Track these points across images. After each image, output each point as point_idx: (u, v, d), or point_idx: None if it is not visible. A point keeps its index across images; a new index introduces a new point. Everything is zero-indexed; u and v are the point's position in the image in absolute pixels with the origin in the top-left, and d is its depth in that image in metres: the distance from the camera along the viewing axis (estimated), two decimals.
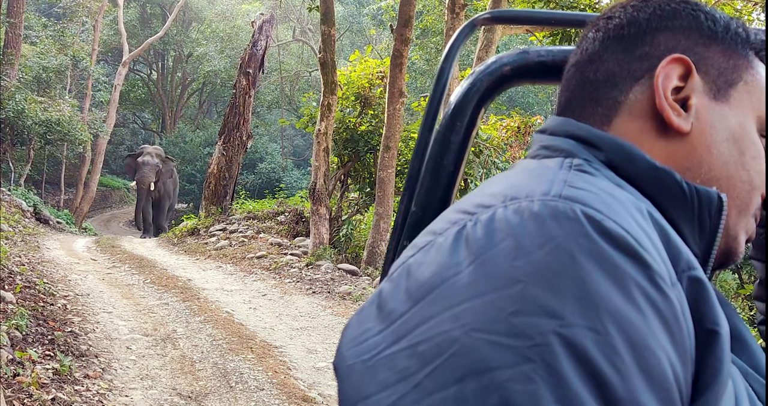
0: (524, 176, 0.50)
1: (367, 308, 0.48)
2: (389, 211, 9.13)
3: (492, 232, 0.43)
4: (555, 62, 0.81)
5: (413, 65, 20.76)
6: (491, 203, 0.46)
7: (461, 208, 0.49)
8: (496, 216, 0.44)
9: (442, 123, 0.85)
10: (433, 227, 0.50)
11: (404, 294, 0.45)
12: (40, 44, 18.70)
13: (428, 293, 0.43)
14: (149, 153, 17.64)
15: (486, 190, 0.49)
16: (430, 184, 0.83)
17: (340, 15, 23.33)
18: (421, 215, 0.84)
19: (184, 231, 12.44)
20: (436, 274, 0.44)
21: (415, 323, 0.43)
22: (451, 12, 8.69)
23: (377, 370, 0.43)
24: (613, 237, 0.42)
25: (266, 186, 22.44)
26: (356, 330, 0.47)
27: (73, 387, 3.71)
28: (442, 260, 0.44)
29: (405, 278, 0.46)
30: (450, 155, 0.83)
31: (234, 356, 4.74)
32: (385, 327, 0.44)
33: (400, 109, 8.89)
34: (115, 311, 5.92)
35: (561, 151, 0.55)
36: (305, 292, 7.35)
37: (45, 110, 15.29)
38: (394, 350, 0.43)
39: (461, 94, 0.84)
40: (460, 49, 0.87)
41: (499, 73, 0.83)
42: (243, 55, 14.57)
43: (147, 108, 31.10)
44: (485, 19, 0.85)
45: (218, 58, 26.23)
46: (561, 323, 0.39)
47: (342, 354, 0.47)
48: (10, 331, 4.12)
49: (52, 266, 7.89)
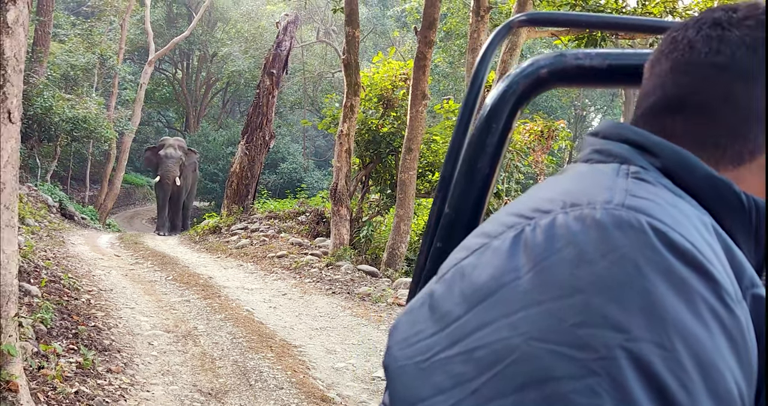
0: (581, 182, 0.49)
1: (417, 309, 0.48)
2: (410, 213, 9.11)
3: (552, 238, 0.43)
4: (593, 65, 0.80)
5: (436, 68, 20.72)
6: (550, 208, 0.45)
7: (516, 211, 0.48)
8: (556, 222, 0.44)
9: (478, 125, 0.85)
10: (486, 230, 0.49)
11: (459, 297, 0.45)
12: (68, 42, 18.99)
13: (485, 297, 0.43)
14: (172, 145, 16.64)
15: (541, 195, 0.49)
16: (464, 187, 0.83)
17: (364, 17, 23.38)
18: (454, 217, 0.83)
19: (205, 229, 12.55)
20: (494, 278, 0.43)
21: (471, 327, 0.42)
22: (476, 15, 8.66)
23: (431, 373, 0.42)
24: (680, 250, 0.42)
25: (288, 186, 22.52)
26: (407, 331, 0.47)
27: (96, 381, 3.76)
28: (500, 264, 0.44)
29: (459, 280, 0.46)
30: (485, 158, 0.82)
31: (254, 355, 4.77)
32: (439, 330, 0.44)
33: (422, 111, 8.88)
34: (137, 306, 5.98)
35: (616, 157, 0.53)
36: (325, 292, 7.37)
37: (72, 107, 15.52)
38: (449, 354, 0.42)
39: (497, 97, 0.83)
40: (496, 51, 0.87)
41: (536, 76, 0.82)
42: (267, 55, 14.66)
43: (171, 107, 31.45)
44: (522, 21, 0.85)
45: (242, 58, 26.43)
46: (627, 336, 0.38)
47: (393, 354, 0.47)
48: (36, 324, 4.19)
49: (76, 261, 8.00)
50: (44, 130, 15.13)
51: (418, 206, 11.64)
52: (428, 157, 10.97)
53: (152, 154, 16.92)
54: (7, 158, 3.05)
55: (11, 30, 3.10)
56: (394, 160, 10.70)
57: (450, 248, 0.82)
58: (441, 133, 11.18)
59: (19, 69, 3.18)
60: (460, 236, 0.83)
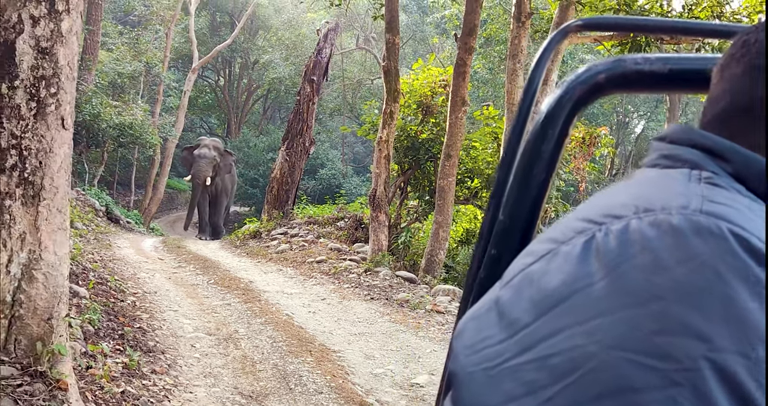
0: (651, 187, 0.48)
1: (484, 315, 0.47)
2: (449, 219, 9.08)
3: (626, 244, 0.42)
4: (653, 70, 0.79)
5: (476, 74, 20.63)
6: (621, 213, 0.45)
7: (585, 216, 0.47)
8: (629, 227, 0.43)
9: (533, 132, 0.84)
10: (553, 235, 0.48)
11: (528, 303, 0.44)
12: (116, 51, 19.54)
13: (557, 304, 0.42)
14: (206, 145, 16.66)
15: (610, 200, 0.48)
16: (519, 194, 0.82)
17: (403, 23, 23.43)
18: (509, 223, 0.83)
19: (246, 234, 12.72)
20: (565, 284, 0.43)
21: (543, 334, 0.42)
22: (517, 21, 8.61)
23: (501, 380, 0.42)
24: (761, 257, 0.41)
25: (326, 192, 22.69)
26: (474, 337, 0.47)
27: (141, 381, 3.84)
28: (571, 270, 0.43)
29: (527, 286, 0.45)
30: (541, 164, 0.82)
31: (293, 359, 4.81)
32: (508, 336, 0.44)
33: (462, 117, 8.85)
34: (180, 309, 6.10)
35: (685, 162, 0.52)
36: (363, 297, 7.38)
37: (119, 114, 15.96)
38: (520, 361, 0.42)
39: (553, 103, 0.83)
40: (551, 57, 0.86)
41: (593, 82, 0.81)
42: (307, 62, 14.82)
43: (214, 113, 32.05)
44: (578, 26, 0.84)
45: (283, 66, 26.77)
46: (710, 346, 0.37)
47: (460, 361, 0.46)
48: (84, 325, 4.30)
49: (122, 263, 8.20)
50: (92, 136, 15.57)
51: (456, 212, 11.59)
52: (467, 163, 10.93)
53: (188, 153, 17.03)
54: (60, 163, 3.15)
55: (65, 39, 3.21)
56: (433, 166, 10.69)
57: (505, 254, 0.81)
58: (480, 140, 11.12)
59: (72, 77, 3.29)
60: (514, 242, 0.82)
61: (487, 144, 11.07)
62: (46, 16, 3.10)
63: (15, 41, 3.01)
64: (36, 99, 3.04)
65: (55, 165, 3.11)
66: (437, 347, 5.58)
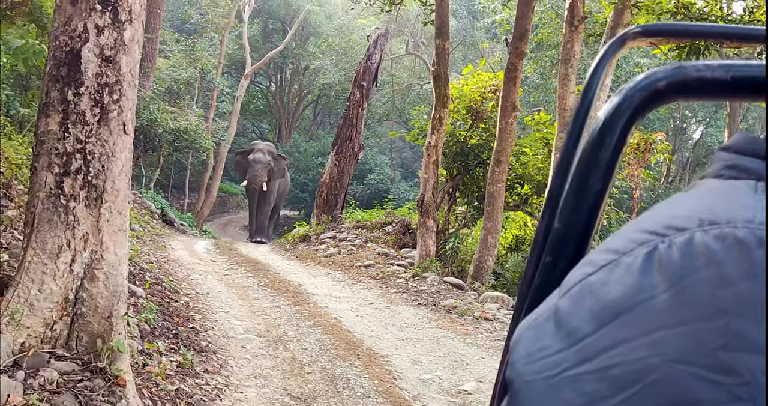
0: (716, 199, 0.48)
1: (542, 324, 0.48)
2: (498, 226, 9.00)
3: (691, 257, 0.42)
4: (715, 78, 0.77)
5: (526, 79, 20.43)
6: (685, 225, 0.44)
7: (646, 228, 0.47)
8: (694, 240, 0.43)
9: (590, 139, 0.83)
10: (614, 246, 0.48)
11: (588, 314, 0.44)
12: (172, 58, 20.15)
13: (617, 315, 0.42)
14: (261, 150, 16.53)
15: (672, 211, 0.48)
16: (575, 202, 0.82)
17: (453, 28, 23.38)
18: (564, 232, 0.82)
19: (296, 237, 12.89)
20: (626, 296, 0.43)
21: (603, 345, 0.42)
22: (570, 25, 8.48)
23: (560, 389, 0.42)
24: None
25: (375, 197, 22.79)
26: (531, 346, 0.47)
27: (194, 380, 3.94)
28: (632, 281, 0.43)
29: (587, 296, 0.46)
30: (598, 173, 0.81)
31: (341, 362, 4.85)
32: (567, 346, 0.44)
33: (512, 123, 8.78)
34: (231, 310, 6.22)
35: (751, 173, 0.51)
36: (411, 303, 7.38)
37: (175, 119, 16.43)
38: (579, 371, 0.42)
39: (611, 110, 0.82)
40: (608, 65, 0.86)
41: (653, 89, 0.80)
42: (357, 68, 14.94)
43: (265, 118, 32.65)
44: (637, 33, 0.83)
45: (333, 71, 27.08)
46: None
47: (518, 369, 0.47)
48: (141, 323, 4.44)
49: (176, 265, 8.42)
50: (149, 140, 16.08)
51: (506, 219, 11.48)
52: (517, 169, 10.81)
53: (242, 158, 16.94)
54: (121, 167, 3.27)
55: (128, 47, 3.33)
56: (482, 172, 10.62)
57: (560, 262, 0.81)
58: (531, 146, 10.99)
59: (134, 84, 3.42)
60: (570, 250, 0.82)
61: (537, 150, 10.94)
62: (110, 25, 3.23)
63: (81, 50, 3.15)
64: (100, 105, 3.16)
65: (116, 168, 3.23)
66: (485, 354, 5.54)
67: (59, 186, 3.08)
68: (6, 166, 5.68)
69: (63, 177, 3.08)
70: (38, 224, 3.08)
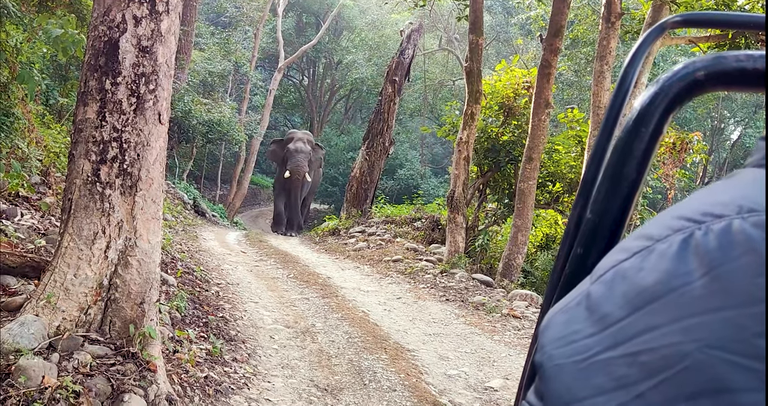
0: (755, 187, 0.47)
1: (573, 309, 0.48)
2: (528, 223, 8.92)
3: (729, 244, 0.41)
4: (756, 69, 0.75)
5: (560, 76, 20.17)
6: (723, 212, 0.44)
7: (683, 214, 0.47)
8: (732, 227, 0.42)
9: (625, 129, 0.82)
10: (648, 232, 0.48)
11: (621, 299, 0.44)
12: (207, 50, 20.37)
13: (651, 300, 0.42)
14: (301, 139, 15.87)
15: (709, 199, 0.47)
16: (609, 192, 0.81)
17: (487, 24, 23.20)
18: (597, 222, 0.82)
19: (325, 231, 12.97)
20: (661, 282, 0.42)
21: (636, 330, 0.42)
22: (606, 21, 8.35)
23: (591, 373, 0.42)
24: None
25: (404, 192, 22.77)
26: (562, 330, 0.47)
27: (223, 368, 3.99)
28: (668, 267, 0.43)
29: (620, 282, 0.45)
30: (632, 163, 0.80)
31: (368, 355, 4.86)
32: (599, 331, 0.44)
33: (545, 120, 8.68)
34: (260, 301, 6.29)
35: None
36: (439, 298, 7.37)
37: (208, 111, 16.63)
38: (610, 355, 0.42)
39: (647, 100, 0.81)
40: (646, 53, 0.84)
41: (692, 79, 0.79)
42: (390, 63, 14.92)
43: (297, 112, 32.84)
44: (677, 22, 0.81)
45: (366, 66, 27.10)
46: None
47: (548, 352, 0.47)
48: (172, 311, 4.52)
49: (207, 255, 8.55)
50: (183, 132, 16.29)
51: (536, 217, 11.37)
52: (549, 167, 10.70)
53: (278, 147, 16.37)
54: (155, 156, 3.33)
55: (164, 39, 3.38)
56: (513, 169, 10.54)
57: (591, 253, 0.80)
58: (563, 143, 10.86)
59: (170, 74, 3.47)
60: (602, 241, 0.81)
61: (570, 148, 10.80)
62: (148, 16, 3.28)
63: (119, 40, 3.20)
64: (136, 95, 3.22)
65: (151, 157, 3.29)
66: (512, 351, 5.51)
67: (96, 173, 3.15)
68: (45, 155, 5.83)
69: (99, 165, 3.15)
70: (75, 210, 3.15)
